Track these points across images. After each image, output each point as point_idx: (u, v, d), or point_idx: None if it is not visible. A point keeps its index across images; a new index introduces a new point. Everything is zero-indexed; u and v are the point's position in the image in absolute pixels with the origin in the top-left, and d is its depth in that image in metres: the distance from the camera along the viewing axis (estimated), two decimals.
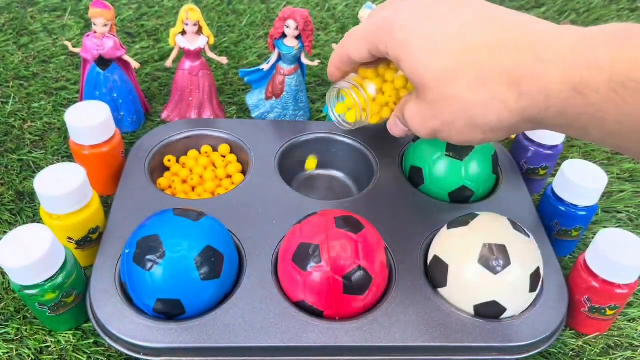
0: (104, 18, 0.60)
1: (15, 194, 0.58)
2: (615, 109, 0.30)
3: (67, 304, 0.45)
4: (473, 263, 0.44)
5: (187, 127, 0.63)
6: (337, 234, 0.44)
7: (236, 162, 0.62)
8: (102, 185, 0.57)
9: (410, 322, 0.45)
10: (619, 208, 0.63)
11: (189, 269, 0.43)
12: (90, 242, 0.50)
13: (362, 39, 0.42)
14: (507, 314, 0.46)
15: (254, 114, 0.68)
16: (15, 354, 0.45)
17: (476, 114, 0.36)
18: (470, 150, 0.55)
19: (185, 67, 0.64)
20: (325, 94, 0.75)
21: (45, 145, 0.64)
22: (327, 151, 0.64)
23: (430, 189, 0.56)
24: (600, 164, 0.68)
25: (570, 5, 1.00)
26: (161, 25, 0.85)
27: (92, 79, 0.63)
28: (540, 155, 0.60)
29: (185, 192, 0.59)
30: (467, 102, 0.36)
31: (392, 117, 0.45)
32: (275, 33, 0.61)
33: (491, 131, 0.37)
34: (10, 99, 0.70)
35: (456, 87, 0.36)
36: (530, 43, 0.34)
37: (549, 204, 0.55)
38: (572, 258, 0.57)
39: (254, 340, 0.43)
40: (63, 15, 0.86)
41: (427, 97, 0.38)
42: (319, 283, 0.43)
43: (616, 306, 0.47)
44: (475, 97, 0.35)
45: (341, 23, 0.89)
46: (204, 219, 0.46)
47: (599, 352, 0.49)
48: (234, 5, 0.92)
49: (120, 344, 0.43)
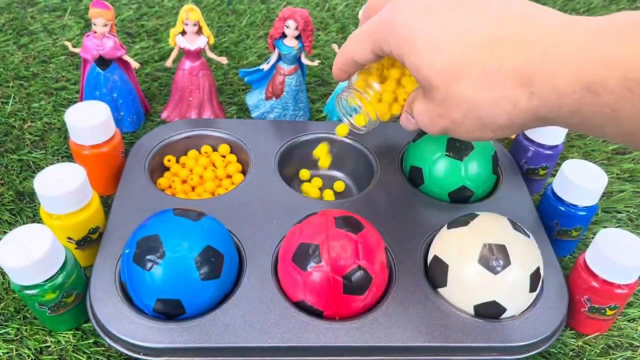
0: (104, 18, 0.60)
1: (15, 194, 0.58)
2: (632, 107, 0.29)
3: (67, 304, 0.45)
4: (473, 263, 0.44)
5: (187, 127, 0.63)
6: (337, 234, 0.44)
7: (236, 162, 0.62)
8: (102, 185, 0.57)
9: (410, 322, 0.45)
10: (619, 208, 0.63)
11: (189, 269, 0.43)
12: (90, 242, 0.50)
13: (365, 39, 0.40)
14: (507, 314, 0.46)
15: (254, 114, 0.68)
16: (15, 354, 0.45)
17: (485, 113, 0.35)
18: (470, 150, 0.55)
19: (185, 67, 0.64)
20: (325, 94, 0.75)
21: (45, 145, 0.64)
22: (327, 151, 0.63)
23: (430, 189, 0.56)
24: (600, 164, 0.68)
25: (570, 5, 1.00)
26: (161, 25, 0.85)
27: (92, 79, 0.63)
28: (540, 155, 0.60)
29: (185, 192, 0.59)
30: (474, 101, 0.35)
31: (403, 113, 0.44)
32: (275, 33, 0.61)
33: (501, 129, 0.36)
34: (10, 99, 0.70)
35: (462, 86, 0.35)
36: (538, 39, 0.32)
37: (549, 204, 0.55)
38: (572, 258, 0.57)
39: (254, 340, 0.43)
40: (63, 15, 0.86)
41: (434, 96, 0.37)
42: (319, 283, 0.43)
43: (616, 306, 0.47)
44: (483, 96, 0.34)
45: (341, 23, 0.89)
46: (204, 219, 0.46)
47: (599, 352, 0.49)
48: (234, 5, 0.92)
49: (120, 344, 0.43)
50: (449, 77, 0.35)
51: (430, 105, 0.38)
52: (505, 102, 0.34)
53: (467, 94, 0.35)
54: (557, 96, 0.31)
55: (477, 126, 0.36)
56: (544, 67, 0.32)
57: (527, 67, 0.32)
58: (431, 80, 0.36)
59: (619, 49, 0.29)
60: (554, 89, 0.31)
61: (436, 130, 0.39)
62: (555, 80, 0.31)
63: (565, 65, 0.31)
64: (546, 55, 0.32)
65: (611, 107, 0.30)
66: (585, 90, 0.30)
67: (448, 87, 0.35)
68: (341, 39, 0.86)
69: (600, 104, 0.30)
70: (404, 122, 0.44)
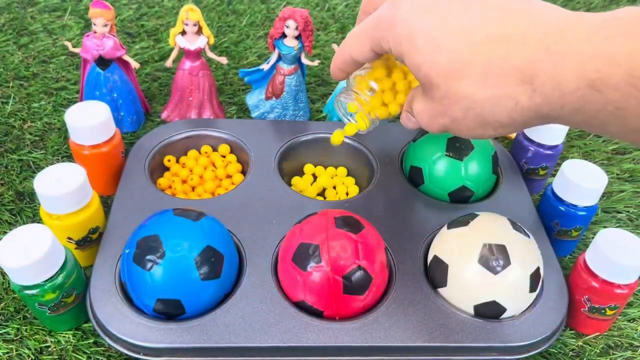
0: (104, 18, 0.60)
1: (15, 194, 0.58)
2: (637, 105, 0.28)
3: (67, 304, 0.45)
4: (473, 263, 0.44)
5: (187, 127, 0.63)
6: (337, 234, 0.44)
7: (236, 162, 0.62)
8: (102, 185, 0.57)
9: (410, 322, 0.45)
10: (619, 208, 0.63)
11: (189, 269, 0.43)
12: (90, 242, 0.50)
13: (363, 37, 0.40)
14: (507, 314, 0.46)
15: (254, 114, 0.68)
16: (15, 354, 0.45)
17: (486, 111, 0.34)
18: (470, 150, 0.55)
19: (185, 67, 0.64)
20: (325, 94, 0.75)
21: (45, 145, 0.64)
22: (327, 151, 0.64)
23: (430, 189, 0.56)
24: (600, 164, 0.68)
25: (570, 6, 1.00)
26: (161, 25, 0.85)
27: (92, 79, 0.63)
28: (540, 155, 0.60)
29: (185, 192, 0.59)
30: (476, 99, 0.34)
31: (404, 111, 0.44)
32: (275, 33, 0.61)
33: (502, 127, 0.35)
34: (10, 99, 0.70)
35: (464, 84, 0.34)
36: (540, 35, 0.32)
37: (549, 204, 0.55)
38: (572, 258, 0.57)
39: (254, 340, 0.43)
40: (63, 15, 0.86)
41: (434, 94, 0.36)
42: (319, 283, 0.43)
43: (616, 306, 0.47)
44: (485, 94, 0.34)
45: (341, 23, 0.89)
46: (204, 219, 0.46)
47: (599, 352, 0.49)
48: (234, 5, 0.92)
49: (120, 344, 0.43)
50: (450, 75, 0.34)
51: (431, 103, 0.37)
52: (507, 100, 0.33)
53: (468, 92, 0.34)
54: (559, 94, 0.31)
55: (478, 124, 0.36)
56: (546, 65, 0.31)
57: (529, 65, 0.32)
58: (431, 78, 0.35)
59: (622, 44, 0.28)
60: (556, 86, 0.31)
61: (436, 128, 0.39)
62: (558, 77, 0.31)
63: (567, 63, 0.30)
64: (548, 52, 0.31)
65: (615, 105, 0.29)
66: (589, 88, 0.30)
67: (449, 85, 0.35)
68: (341, 39, 0.86)
69: (604, 102, 0.29)
70: (405, 120, 0.43)
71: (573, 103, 0.31)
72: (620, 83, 0.28)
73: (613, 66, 0.28)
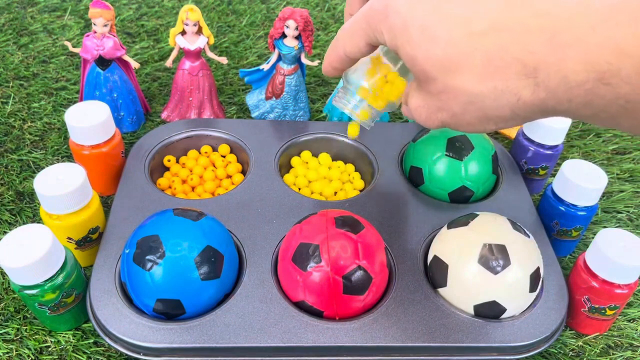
0: (104, 18, 0.60)
1: (15, 194, 0.58)
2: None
3: (67, 304, 0.45)
4: (473, 263, 0.44)
5: (187, 127, 0.63)
6: (336, 234, 0.44)
7: (236, 162, 0.62)
8: (102, 185, 0.58)
9: (410, 322, 0.45)
10: (619, 208, 0.63)
11: (189, 269, 0.43)
12: (90, 242, 0.50)
13: (357, 30, 0.37)
14: (507, 314, 0.46)
15: (254, 114, 0.68)
16: (15, 354, 0.45)
17: (486, 106, 0.33)
18: (470, 150, 0.55)
19: (185, 67, 0.64)
20: (325, 94, 0.75)
21: (45, 145, 0.64)
22: (327, 151, 0.64)
23: (430, 189, 0.56)
24: (600, 164, 0.68)
25: None
26: (161, 25, 0.85)
27: (92, 79, 0.63)
28: (540, 155, 0.60)
29: (185, 192, 0.59)
30: (475, 94, 0.32)
31: (403, 105, 0.42)
32: (275, 33, 0.61)
33: (504, 122, 0.34)
34: (10, 99, 0.70)
35: (462, 77, 0.32)
36: (543, 25, 0.29)
37: (549, 204, 0.55)
38: (572, 258, 0.57)
39: (254, 340, 0.43)
40: (63, 15, 0.86)
41: (431, 88, 0.34)
42: (318, 283, 0.43)
43: (616, 306, 0.47)
44: (484, 88, 0.32)
45: (341, 23, 0.89)
46: (204, 219, 0.46)
47: (599, 352, 0.49)
48: (234, 5, 0.92)
49: (120, 344, 0.43)
50: (447, 68, 0.33)
51: (427, 98, 0.36)
52: (508, 94, 0.31)
53: (467, 86, 0.32)
54: (565, 88, 0.29)
55: (479, 119, 0.34)
56: (551, 55, 0.29)
57: (532, 56, 0.30)
58: (427, 71, 0.33)
59: (632, 33, 0.26)
60: (562, 80, 0.29)
61: (435, 124, 0.37)
62: (564, 70, 0.29)
63: (573, 54, 0.28)
64: (552, 43, 0.29)
65: (626, 98, 0.28)
66: (597, 81, 0.28)
67: (446, 79, 0.33)
68: None
69: (614, 95, 0.28)
70: (405, 112, 0.41)
71: (581, 97, 0.29)
72: (632, 75, 0.27)
73: (623, 57, 0.27)
